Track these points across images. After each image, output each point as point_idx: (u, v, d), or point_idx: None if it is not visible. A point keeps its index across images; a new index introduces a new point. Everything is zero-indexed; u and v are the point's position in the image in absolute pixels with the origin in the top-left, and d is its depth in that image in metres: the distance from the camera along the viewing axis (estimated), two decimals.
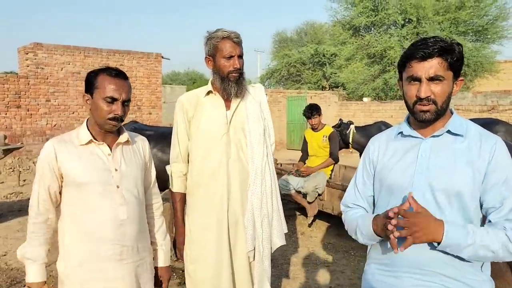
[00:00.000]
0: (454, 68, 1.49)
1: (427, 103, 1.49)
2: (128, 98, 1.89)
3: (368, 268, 1.72)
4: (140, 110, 13.90)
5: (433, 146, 1.55)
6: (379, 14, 18.76)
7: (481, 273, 1.53)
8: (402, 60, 1.55)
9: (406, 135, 1.61)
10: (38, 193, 1.88)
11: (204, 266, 2.34)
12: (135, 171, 1.99)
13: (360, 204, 1.72)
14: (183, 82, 33.85)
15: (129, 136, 2.02)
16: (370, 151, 1.72)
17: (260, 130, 2.42)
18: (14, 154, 11.03)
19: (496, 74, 19.02)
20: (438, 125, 1.55)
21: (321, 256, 4.90)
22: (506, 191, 1.45)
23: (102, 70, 1.89)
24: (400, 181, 1.56)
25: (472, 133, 1.54)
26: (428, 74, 1.47)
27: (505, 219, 1.43)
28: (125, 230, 1.90)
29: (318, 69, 23.55)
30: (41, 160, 1.89)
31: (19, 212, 6.87)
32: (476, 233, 1.41)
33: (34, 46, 11.87)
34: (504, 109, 13.03)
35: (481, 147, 1.49)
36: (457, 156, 1.50)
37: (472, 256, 1.43)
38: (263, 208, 2.38)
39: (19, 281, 4.14)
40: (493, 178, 1.46)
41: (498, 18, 18.48)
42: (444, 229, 1.40)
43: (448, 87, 1.50)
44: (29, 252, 1.88)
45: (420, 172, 1.52)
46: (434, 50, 1.45)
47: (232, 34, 2.32)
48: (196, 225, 2.38)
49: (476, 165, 1.47)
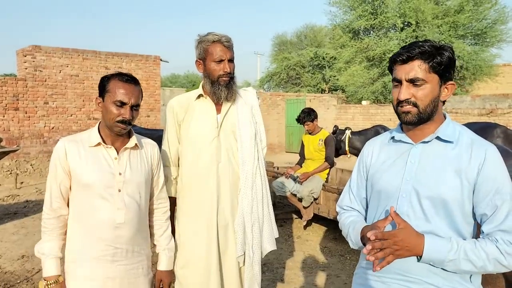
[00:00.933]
0: (439, 71, 1.47)
1: (407, 105, 1.48)
2: (137, 103, 1.96)
3: (357, 271, 1.73)
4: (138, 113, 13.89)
5: (423, 152, 1.53)
6: (378, 17, 18.78)
7: (470, 284, 1.49)
8: (390, 64, 1.56)
9: (397, 140, 1.61)
10: (51, 190, 1.95)
11: (193, 271, 2.33)
12: (139, 177, 2.02)
13: (354, 206, 1.73)
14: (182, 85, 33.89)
15: (139, 141, 2.06)
16: (364, 155, 1.72)
17: (251, 134, 2.41)
18: (12, 157, 11.02)
19: (495, 78, 19.03)
20: (429, 130, 1.53)
21: (317, 260, 4.87)
22: (498, 200, 1.41)
23: (115, 75, 1.97)
24: (388, 187, 1.56)
25: (464, 140, 1.50)
26: (407, 76, 1.47)
27: (498, 230, 1.41)
28: (120, 233, 1.94)
29: (317, 72, 23.56)
30: (53, 158, 1.96)
31: (15, 215, 6.85)
32: (460, 248, 1.39)
33: (33, 49, 11.87)
34: (502, 112, 13.03)
35: (471, 155, 1.46)
36: (446, 164, 1.47)
37: (456, 270, 1.42)
38: (253, 212, 2.36)
39: (13, 284, 4.12)
40: (484, 187, 1.43)
41: (497, 22, 18.50)
42: (425, 245, 1.38)
43: (431, 90, 1.47)
44: (43, 248, 1.93)
45: (408, 178, 1.51)
46: (414, 52, 1.45)
47: (222, 38, 2.31)
48: (185, 229, 2.37)
49: (465, 173, 1.45)
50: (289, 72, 24.33)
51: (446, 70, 1.48)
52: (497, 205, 1.41)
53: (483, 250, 1.38)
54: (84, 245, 1.93)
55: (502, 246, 1.38)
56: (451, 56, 1.48)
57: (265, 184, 2.46)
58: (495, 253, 1.38)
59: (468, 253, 1.38)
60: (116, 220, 1.92)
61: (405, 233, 1.38)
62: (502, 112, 13.06)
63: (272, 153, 16.38)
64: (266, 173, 2.52)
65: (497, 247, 1.38)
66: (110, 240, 1.92)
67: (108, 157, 1.96)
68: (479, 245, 1.39)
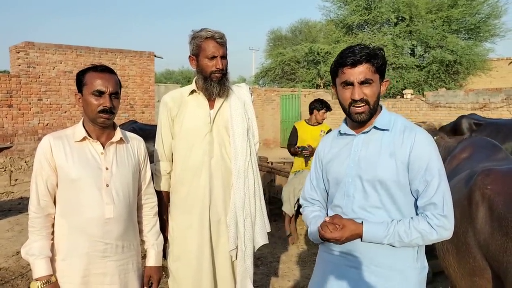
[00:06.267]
0: (380, 71, 1.70)
1: (361, 103, 1.68)
2: (115, 90, 1.95)
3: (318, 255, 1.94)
4: (133, 109, 13.86)
5: (364, 140, 1.75)
6: (372, 12, 18.81)
7: (415, 262, 1.71)
8: (335, 67, 1.74)
9: (343, 133, 1.83)
10: (37, 189, 1.91)
11: (186, 264, 2.36)
12: (127, 171, 2.01)
13: (315, 197, 1.93)
14: (177, 81, 33.77)
15: (124, 136, 2.05)
16: (319, 149, 1.93)
17: (244, 129, 2.44)
18: (6, 154, 10.99)
19: (489, 72, 19.12)
20: (369, 122, 1.74)
21: (310, 253, 4.91)
22: (428, 176, 1.62)
23: (89, 68, 1.98)
24: (338, 174, 1.78)
25: (398, 127, 1.71)
26: (359, 78, 1.67)
27: (429, 203, 1.62)
28: (110, 229, 1.93)
29: (312, 68, 23.54)
30: (38, 154, 1.93)
31: (9, 212, 6.85)
32: (395, 232, 1.61)
33: (26, 45, 11.80)
34: (495, 106, 13.10)
35: (403, 139, 1.67)
36: (381, 149, 1.69)
37: (394, 243, 1.63)
38: (245, 207, 2.39)
39: (7, 280, 4.13)
40: (416, 166, 1.63)
41: (490, 16, 18.59)
42: (363, 232, 1.63)
43: (377, 88, 1.70)
44: (32, 248, 1.89)
45: (352, 165, 1.73)
46: (362, 57, 1.65)
47: (216, 34, 2.32)
48: (178, 223, 2.40)
49: (398, 155, 1.65)
50: (284, 67, 24.32)
51: (384, 69, 1.72)
52: (428, 181, 1.62)
53: (415, 229, 1.61)
54: (74, 242, 1.90)
55: (433, 221, 1.60)
56: (385, 56, 1.73)
57: (257, 179, 2.49)
58: (427, 229, 1.60)
59: (401, 236, 1.61)
60: (105, 215, 1.91)
61: (346, 220, 1.66)
62: (495, 106, 13.14)
63: (267, 148, 16.41)
64: (258, 168, 2.55)
65: (428, 223, 1.60)
66: (100, 236, 1.91)
67: (94, 152, 1.95)
68: (412, 225, 1.61)
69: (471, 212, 2.15)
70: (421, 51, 19.78)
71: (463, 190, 2.27)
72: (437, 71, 18.65)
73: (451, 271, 2.35)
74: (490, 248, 2.02)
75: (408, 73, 18.65)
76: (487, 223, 2.05)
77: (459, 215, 2.23)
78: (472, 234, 2.13)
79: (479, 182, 2.15)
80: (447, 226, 1.61)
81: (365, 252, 1.69)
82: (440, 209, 1.60)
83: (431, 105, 14.52)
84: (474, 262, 2.13)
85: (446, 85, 18.45)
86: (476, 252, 2.11)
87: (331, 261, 1.79)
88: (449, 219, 1.62)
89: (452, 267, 2.33)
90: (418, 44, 19.42)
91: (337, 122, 16.76)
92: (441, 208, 1.61)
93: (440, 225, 1.60)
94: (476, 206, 2.12)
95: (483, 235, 2.06)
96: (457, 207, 2.24)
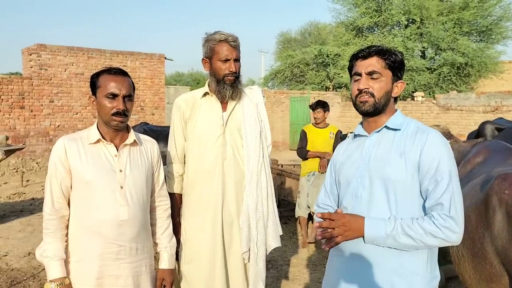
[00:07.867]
0: (392, 68, 1.69)
1: (365, 94, 1.68)
2: (128, 93, 1.96)
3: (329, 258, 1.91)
4: (143, 111, 13.93)
5: (376, 140, 1.73)
6: (383, 14, 18.72)
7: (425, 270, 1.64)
8: (350, 62, 1.77)
9: (356, 134, 1.83)
10: (52, 191, 1.93)
11: (198, 267, 2.35)
12: (140, 173, 2.02)
13: (328, 203, 1.89)
14: (187, 83, 33.88)
15: (138, 138, 2.06)
16: (334, 155, 1.93)
17: (256, 131, 2.43)
18: (18, 155, 11.09)
19: (500, 75, 18.92)
20: (381, 122, 1.74)
21: (321, 257, 4.89)
22: (438, 176, 1.58)
23: (103, 70, 1.99)
24: (347, 175, 1.77)
25: (411, 128, 1.70)
26: (367, 70, 1.68)
27: (437, 203, 1.56)
28: (124, 231, 1.93)
29: (321, 70, 23.49)
30: (53, 156, 1.95)
31: (21, 213, 6.91)
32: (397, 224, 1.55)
33: (38, 47, 11.92)
34: (508, 109, 12.95)
35: (415, 139, 1.65)
36: (391, 148, 1.67)
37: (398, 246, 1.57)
38: (258, 209, 2.39)
39: (19, 281, 4.16)
40: (427, 166, 1.60)
41: (502, 19, 18.40)
42: (365, 224, 1.58)
43: (386, 84, 1.69)
44: (46, 250, 1.90)
45: (363, 165, 1.72)
46: (372, 50, 1.69)
47: (229, 37, 2.33)
48: (191, 225, 2.39)
49: (409, 155, 1.63)
50: (293, 69, 24.29)
51: (398, 69, 1.71)
52: (437, 181, 1.58)
53: (419, 226, 1.54)
54: (88, 244, 1.91)
55: (438, 221, 1.53)
56: (402, 59, 1.72)
57: (270, 181, 2.48)
58: (432, 227, 1.53)
59: (404, 228, 1.54)
60: (120, 217, 1.92)
61: (350, 215, 1.61)
62: (507, 109, 13.00)
63: (277, 150, 16.38)
64: (271, 171, 2.54)
65: (433, 222, 1.54)
66: (114, 238, 1.92)
67: (108, 154, 1.96)
68: (416, 222, 1.56)
69: (488, 217, 2.11)
70: (432, 54, 19.63)
71: (479, 195, 2.24)
72: (448, 74, 18.50)
73: (467, 277, 2.32)
74: (508, 254, 1.98)
75: (419, 76, 18.52)
76: (504, 228, 2.02)
77: (475, 220, 2.20)
78: (489, 239, 2.10)
79: (496, 187, 2.12)
80: (455, 228, 1.52)
81: (374, 256, 1.64)
82: (447, 209, 1.53)
83: (442, 108, 14.42)
84: (491, 268, 2.10)
85: (457, 88, 18.29)
86: (493, 258, 2.08)
87: (342, 265, 1.77)
88: (457, 221, 1.52)
89: (467, 273, 2.30)
90: (429, 46, 19.28)
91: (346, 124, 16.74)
92: (447, 209, 1.53)
93: (445, 226, 1.52)
94: (493, 211, 2.09)
95: (501, 241, 2.03)
96: (473, 212, 2.22)
